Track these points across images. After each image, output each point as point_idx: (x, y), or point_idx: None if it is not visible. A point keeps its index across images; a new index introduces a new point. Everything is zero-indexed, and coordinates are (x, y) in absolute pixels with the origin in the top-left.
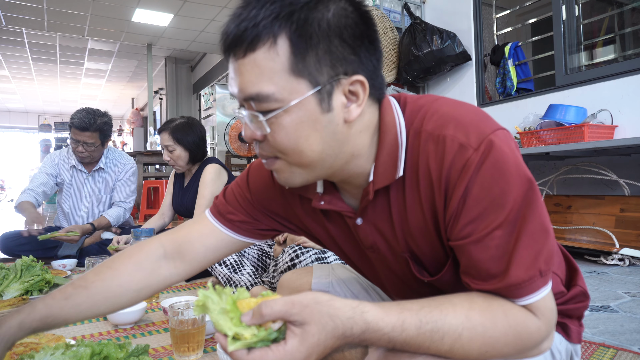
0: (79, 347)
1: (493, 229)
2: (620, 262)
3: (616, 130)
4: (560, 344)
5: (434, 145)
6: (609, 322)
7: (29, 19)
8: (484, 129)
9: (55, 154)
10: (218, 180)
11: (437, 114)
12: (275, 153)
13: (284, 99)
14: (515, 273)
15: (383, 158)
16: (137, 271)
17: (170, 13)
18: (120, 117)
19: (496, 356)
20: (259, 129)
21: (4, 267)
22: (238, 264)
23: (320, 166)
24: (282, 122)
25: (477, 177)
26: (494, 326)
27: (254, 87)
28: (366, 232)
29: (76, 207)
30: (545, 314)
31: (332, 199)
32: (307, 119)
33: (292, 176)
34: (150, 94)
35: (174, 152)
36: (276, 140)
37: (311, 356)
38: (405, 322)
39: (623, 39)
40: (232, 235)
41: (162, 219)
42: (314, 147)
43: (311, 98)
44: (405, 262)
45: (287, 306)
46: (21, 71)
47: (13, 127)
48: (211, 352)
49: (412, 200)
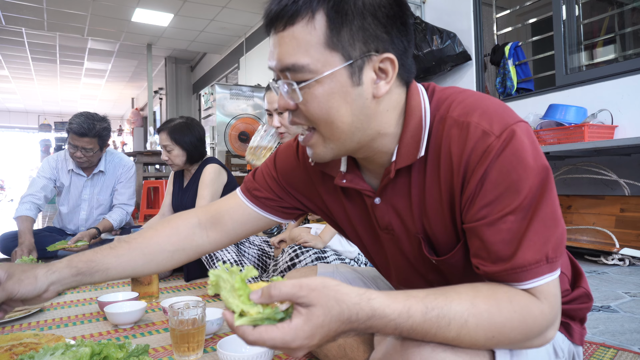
0: (79, 347)
1: (507, 213)
2: (620, 262)
3: (616, 130)
4: (563, 343)
5: (457, 131)
6: (609, 322)
7: (28, 18)
8: (507, 120)
9: (53, 157)
10: (217, 181)
11: (464, 103)
12: (307, 123)
13: (317, 70)
14: (523, 255)
15: (407, 139)
16: (174, 235)
17: (170, 13)
18: (120, 117)
19: (503, 342)
20: (293, 99)
21: None
22: (238, 263)
23: (350, 139)
24: (314, 92)
25: (497, 162)
26: (499, 312)
27: (291, 58)
28: (383, 212)
29: (75, 210)
30: (549, 298)
31: (354, 178)
32: (338, 91)
33: (325, 150)
34: (150, 94)
35: (172, 152)
36: (309, 110)
37: (314, 337)
38: (411, 308)
39: (623, 39)
40: (258, 211)
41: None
42: (344, 119)
43: (343, 71)
44: (417, 242)
45: (295, 288)
46: (21, 71)
47: (13, 127)
48: (211, 352)
49: (431, 182)
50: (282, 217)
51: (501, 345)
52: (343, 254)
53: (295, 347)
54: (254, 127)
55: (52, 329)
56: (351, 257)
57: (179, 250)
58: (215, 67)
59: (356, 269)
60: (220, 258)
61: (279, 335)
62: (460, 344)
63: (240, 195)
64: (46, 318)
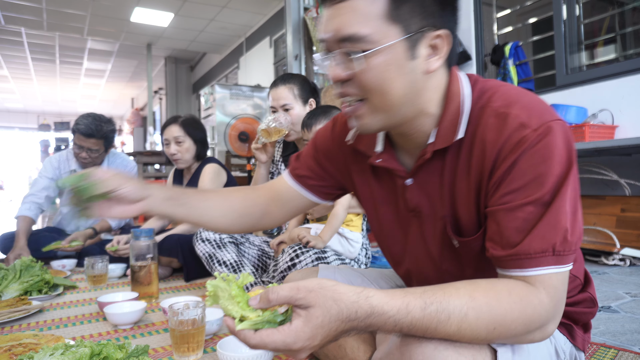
0: (79, 347)
1: (527, 203)
2: (621, 262)
3: (617, 130)
4: (565, 345)
5: (495, 119)
6: (610, 322)
7: (28, 18)
8: (546, 116)
9: (55, 157)
10: (217, 180)
11: (506, 94)
12: (360, 93)
13: (377, 41)
14: (529, 243)
15: (445, 122)
16: (244, 199)
17: (170, 12)
18: (120, 117)
19: (505, 334)
20: (348, 69)
21: (3, 267)
22: (238, 264)
23: (397, 112)
24: (373, 62)
25: (528, 153)
26: (499, 303)
27: (351, 28)
28: (413, 193)
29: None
30: (549, 290)
31: (388, 158)
32: (394, 63)
33: (372, 121)
34: (150, 94)
35: (183, 144)
36: (365, 79)
37: (315, 337)
38: (410, 304)
39: (624, 39)
40: (299, 190)
41: (162, 219)
42: (397, 91)
43: (400, 44)
44: (442, 225)
45: (293, 291)
46: (20, 71)
47: (12, 126)
48: (211, 352)
49: (463, 166)
50: (320, 197)
51: (503, 337)
52: (343, 254)
53: (297, 349)
54: (253, 127)
55: (52, 330)
56: (351, 257)
57: (247, 215)
58: (215, 67)
59: (358, 270)
60: (220, 258)
61: (280, 338)
62: (462, 338)
63: (286, 176)
64: (45, 318)
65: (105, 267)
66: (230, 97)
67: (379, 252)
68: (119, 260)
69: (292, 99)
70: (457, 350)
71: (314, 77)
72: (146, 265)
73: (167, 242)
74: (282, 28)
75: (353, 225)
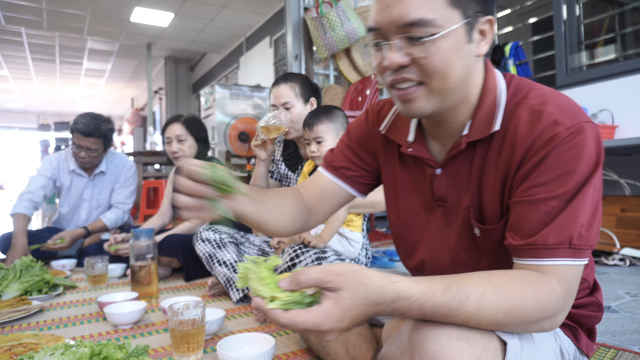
0: (79, 347)
1: (550, 198)
2: (620, 262)
3: (617, 130)
4: (570, 346)
5: (529, 115)
6: (610, 322)
7: (28, 18)
8: (580, 117)
9: (54, 157)
10: None
11: (541, 93)
12: (421, 77)
13: (441, 25)
14: (547, 234)
15: (481, 115)
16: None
17: (170, 12)
18: (120, 117)
19: (520, 316)
20: (411, 54)
21: (4, 267)
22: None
23: (451, 95)
24: (439, 46)
25: (559, 149)
26: (513, 285)
27: (417, 13)
28: (441, 183)
29: (76, 210)
30: (561, 280)
31: (419, 148)
32: (457, 46)
33: (427, 104)
34: (150, 94)
35: (185, 143)
36: (429, 63)
37: (344, 319)
38: (433, 287)
39: (624, 39)
40: (336, 181)
41: (161, 219)
42: (456, 74)
43: (462, 28)
44: (465, 214)
45: (322, 274)
46: (20, 71)
47: (12, 126)
48: (211, 352)
49: (493, 157)
50: (356, 188)
51: (518, 321)
52: (343, 254)
53: (325, 330)
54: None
55: (52, 329)
56: (351, 257)
57: (299, 215)
58: (215, 67)
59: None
60: (220, 258)
61: (309, 318)
62: (481, 319)
63: (322, 171)
64: (46, 318)
65: (105, 267)
66: (230, 97)
67: (379, 252)
68: (119, 260)
69: (293, 97)
70: (468, 341)
71: (314, 77)
72: (146, 265)
73: (167, 242)
74: (282, 28)
75: (353, 225)
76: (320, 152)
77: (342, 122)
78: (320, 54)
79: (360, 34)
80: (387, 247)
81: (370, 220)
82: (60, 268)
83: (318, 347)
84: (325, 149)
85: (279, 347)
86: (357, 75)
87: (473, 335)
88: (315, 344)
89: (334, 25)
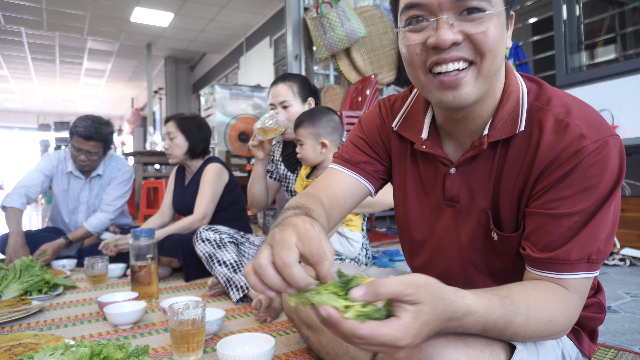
0: (79, 347)
1: (573, 213)
2: (621, 262)
3: (617, 130)
4: (572, 349)
5: (553, 124)
6: (610, 322)
7: (28, 18)
8: (604, 131)
9: (54, 156)
10: (219, 179)
11: (565, 100)
12: (474, 55)
13: (496, 4)
14: (569, 250)
15: (502, 115)
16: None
17: (170, 12)
18: (120, 117)
19: (556, 327)
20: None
21: (3, 267)
22: (238, 264)
23: (492, 80)
24: (495, 22)
25: (584, 164)
26: (549, 299)
27: None
28: (454, 183)
29: (74, 212)
30: (579, 293)
31: (433, 145)
32: (503, 28)
33: (473, 90)
34: (150, 94)
35: (174, 140)
36: (487, 39)
37: (420, 334)
38: (492, 301)
39: (624, 39)
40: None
41: (161, 219)
42: (501, 56)
43: (504, 12)
44: (481, 217)
45: (402, 286)
46: (20, 71)
47: (12, 126)
48: (211, 352)
49: (512, 161)
50: (370, 180)
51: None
52: (343, 253)
53: (402, 345)
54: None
55: (52, 329)
56: (351, 257)
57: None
58: (215, 67)
59: (360, 269)
60: (220, 258)
61: (389, 332)
62: (527, 330)
63: (339, 168)
64: (45, 318)
65: (105, 267)
66: (230, 97)
67: (379, 252)
68: (119, 260)
69: (291, 96)
70: (465, 343)
71: (314, 77)
72: (146, 265)
73: (168, 242)
74: (282, 28)
75: (353, 225)
76: (302, 155)
77: (331, 126)
78: (320, 54)
79: (360, 34)
80: (387, 247)
81: (370, 220)
82: (60, 268)
83: (318, 347)
84: (304, 152)
85: (279, 347)
86: (357, 75)
87: (470, 337)
88: (315, 344)
89: (334, 25)
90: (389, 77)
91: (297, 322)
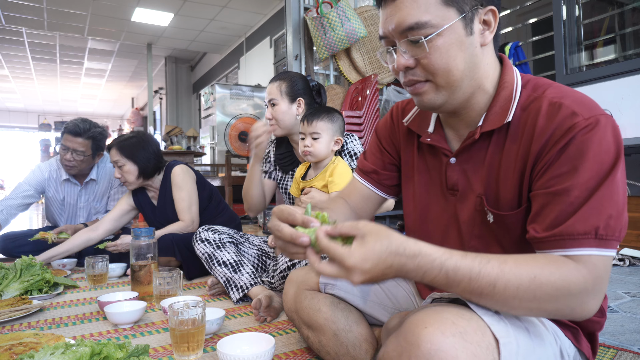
0: (79, 347)
1: (571, 188)
2: (620, 262)
3: None
4: (570, 348)
5: (548, 107)
6: (609, 322)
7: (28, 18)
8: (596, 110)
9: (45, 166)
10: (189, 180)
11: (559, 88)
12: (426, 76)
13: (438, 24)
14: (572, 225)
15: (496, 108)
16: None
17: (171, 12)
18: (120, 117)
19: (546, 285)
20: (415, 55)
21: (4, 266)
22: (238, 264)
23: (459, 87)
24: (437, 44)
25: (578, 138)
26: (534, 258)
27: (413, 18)
28: (453, 171)
29: (73, 218)
30: (590, 267)
31: (438, 138)
32: (456, 41)
33: (436, 97)
34: (150, 94)
35: (123, 168)
36: (430, 62)
37: (367, 260)
38: (453, 252)
39: (624, 39)
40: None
41: (88, 234)
42: (459, 66)
43: (458, 23)
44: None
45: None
46: (21, 70)
47: (13, 126)
48: (211, 352)
49: (510, 147)
50: (384, 191)
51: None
52: None
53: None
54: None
55: (52, 329)
56: None
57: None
58: (215, 67)
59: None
60: (220, 258)
61: (339, 250)
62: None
63: (356, 175)
64: (46, 318)
65: (105, 266)
66: (231, 97)
67: None
68: (119, 259)
69: (277, 94)
70: (462, 337)
71: (314, 77)
72: (146, 264)
73: (161, 241)
74: (282, 28)
75: None
76: (314, 148)
77: (340, 126)
78: (320, 54)
79: (360, 34)
80: None
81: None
82: (61, 267)
83: (318, 347)
84: (319, 145)
85: (279, 346)
86: (357, 75)
87: (467, 331)
88: (315, 344)
89: (334, 25)
90: (389, 77)
91: (297, 322)
